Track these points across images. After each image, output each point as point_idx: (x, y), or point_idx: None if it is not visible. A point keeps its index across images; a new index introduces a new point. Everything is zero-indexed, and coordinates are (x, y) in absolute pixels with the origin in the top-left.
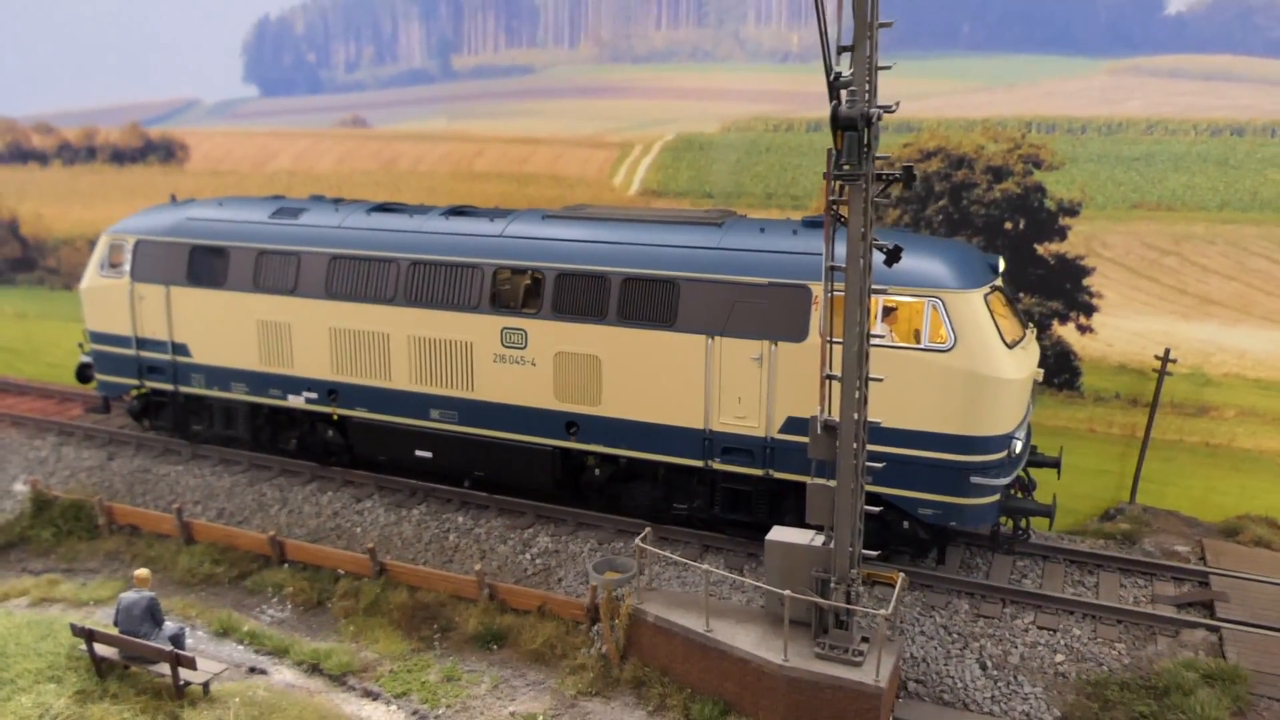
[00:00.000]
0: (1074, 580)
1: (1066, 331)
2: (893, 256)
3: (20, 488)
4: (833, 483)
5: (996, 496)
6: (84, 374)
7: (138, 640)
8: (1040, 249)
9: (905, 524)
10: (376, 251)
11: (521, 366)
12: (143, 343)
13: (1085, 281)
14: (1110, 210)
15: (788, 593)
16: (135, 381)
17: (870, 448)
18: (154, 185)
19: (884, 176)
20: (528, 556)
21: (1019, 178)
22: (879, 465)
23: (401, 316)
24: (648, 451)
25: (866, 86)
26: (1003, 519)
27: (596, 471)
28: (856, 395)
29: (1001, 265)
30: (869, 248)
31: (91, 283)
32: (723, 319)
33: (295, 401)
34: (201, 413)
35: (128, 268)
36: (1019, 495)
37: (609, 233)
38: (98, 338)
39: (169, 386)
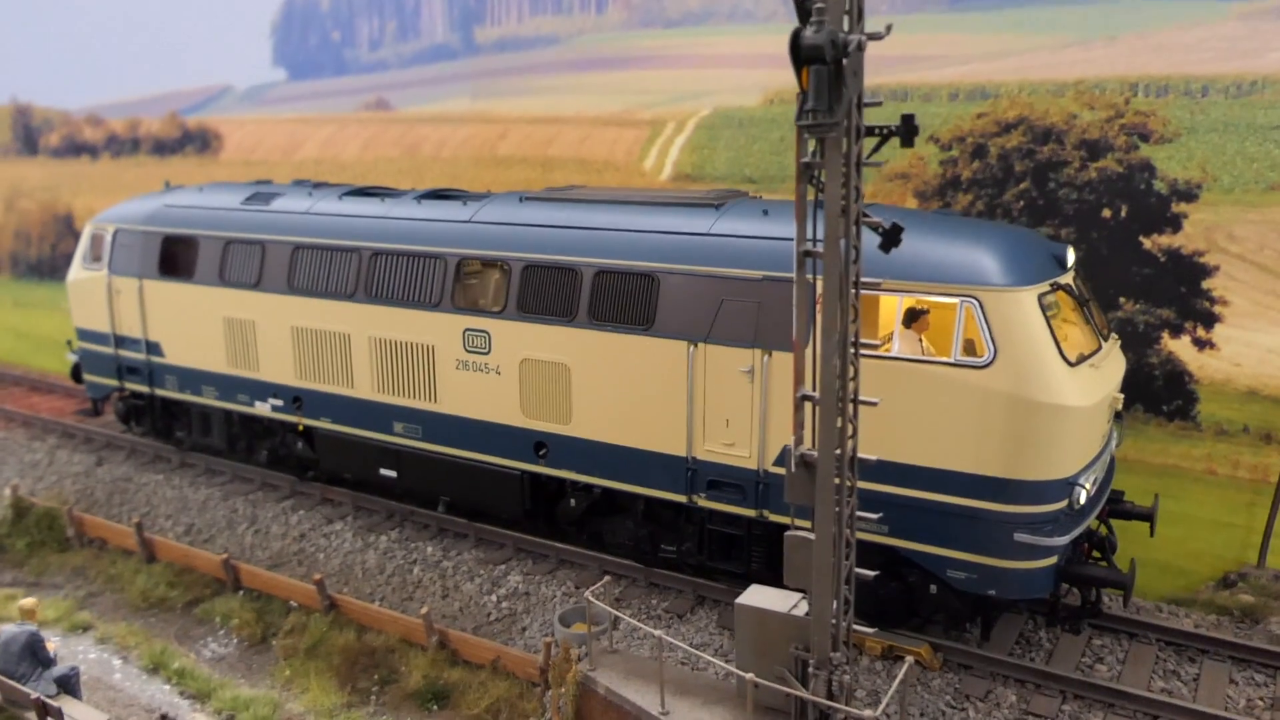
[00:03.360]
0: (1166, 670)
1: (1180, 347)
2: (890, 238)
3: (8, 493)
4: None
5: (1051, 559)
6: (78, 374)
7: (7, 683)
8: (1147, 242)
9: (933, 588)
10: (338, 240)
11: (485, 375)
12: (120, 340)
13: (1205, 284)
14: (1239, 193)
15: (750, 677)
16: (116, 382)
17: (879, 488)
18: (190, 177)
19: (876, 130)
20: (493, 598)
21: (1121, 153)
22: (873, 516)
23: (362, 314)
24: (623, 481)
25: (846, 4)
26: (1066, 587)
27: (572, 502)
28: (839, 422)
29: (1071, 257)
30: (853, 225)
31: (75, 275)
32: (708, 321)
33: (262, 409)
34: (181, 417)
35: (106, 259)
36: (1095, 557)
37: (586, 217)
38: (83, 335)
39: (146, 389)
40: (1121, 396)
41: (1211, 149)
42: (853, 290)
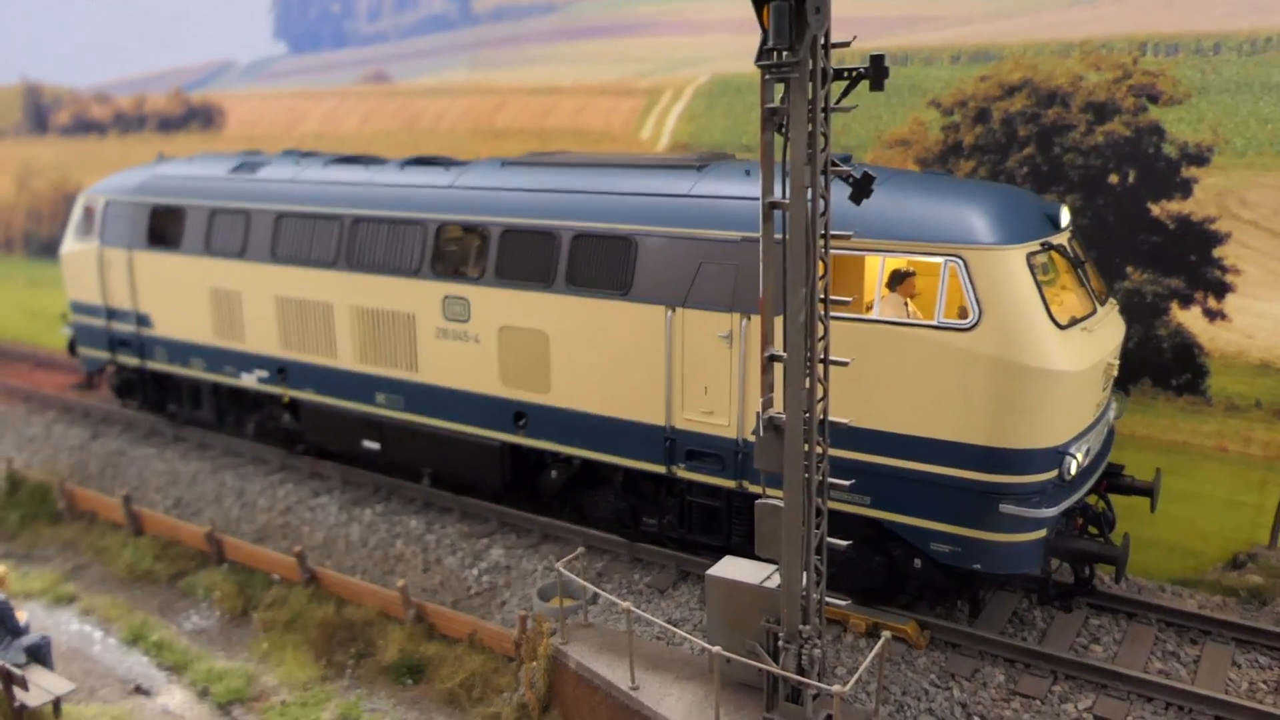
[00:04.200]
0: (1166, 651)
1: (1189, 318)
2: (860, 189)
3: (2, 466)
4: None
5: (1040, 533)
6: (75, 347)
7: None
8: (1156, 209)
9: (917, 562)
10: (320, 207)
11: (465, 343)
12: (112, 313)
13: (1216, 252)
14: (1252, 157)
15: (717, 650)
16: (108, 355)
17: (859, 457)
18: (192, 153)
19: (845, 73)
20: (474, 572)
21: (1128, 116)
22: (844, 483)
23: (343, 283)
24: (602, 452)
25: None
26: (1058, 563)
27: (553, 474)
28: (807, 383)
29: (1065, 217)
30: (820, 174)
31: (68, 248)
32: (686, 285)
33: (248, 380)
34: (173, 390)
35: (97, 231)
36: (1092, 533)
37: (566, 180)
38: (76, 308)
39: (137, 361)
40: (1118, 363)
41: (1224, 110)
42: (821, 244)
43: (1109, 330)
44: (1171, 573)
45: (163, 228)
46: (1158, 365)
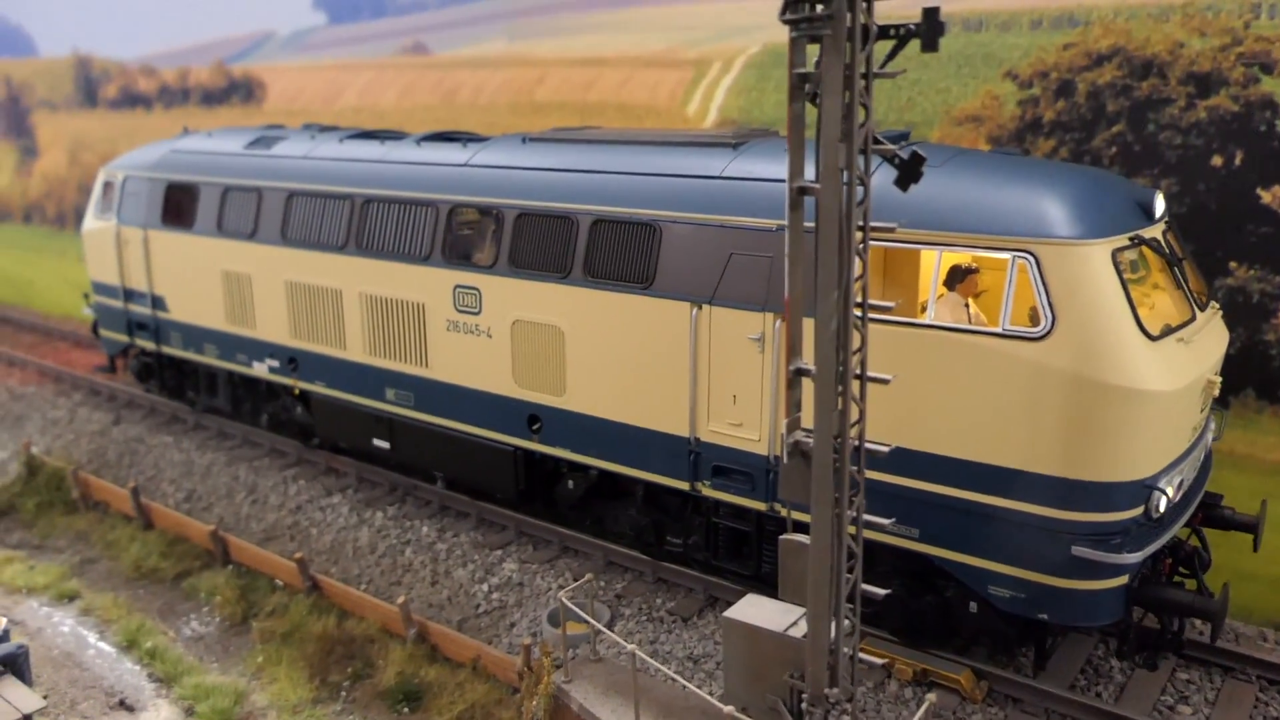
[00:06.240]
0: (1269, 717)
1: None
2: (908, 172)
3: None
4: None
5: (1120, 580)
6: (98, 328)
7: None
8: (1266, 196)
9: (973, 606)
10: (331, 186)
11: (476, 337)
12: (129, 294)
13: None
14: None
15: (729, 711)
16: (127, 338)
17: (906, 483)
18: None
19: (891, 31)
20: (484, 588)
21: (1237, 89)
22: (885, 520)
23: (353, 268)
24: (620, 463)
25: None
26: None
27: (570, 484)
28: (839, 403)
29: (1160, 206)
30: (858, 152)
31: (88, 225)
32: (714, 279)
33: (259, 370)
34: (190, 376)
35: (115, 208)
36: (1182, 573)
37: (587, 159)
38: (97, 288)
39: (154, 345)
40: (1220, 380)
41: None
42: (860, 236)
43: (1210, 341)
44: (1272, 614)
45: (178, 206)
46: (1264, 374)
